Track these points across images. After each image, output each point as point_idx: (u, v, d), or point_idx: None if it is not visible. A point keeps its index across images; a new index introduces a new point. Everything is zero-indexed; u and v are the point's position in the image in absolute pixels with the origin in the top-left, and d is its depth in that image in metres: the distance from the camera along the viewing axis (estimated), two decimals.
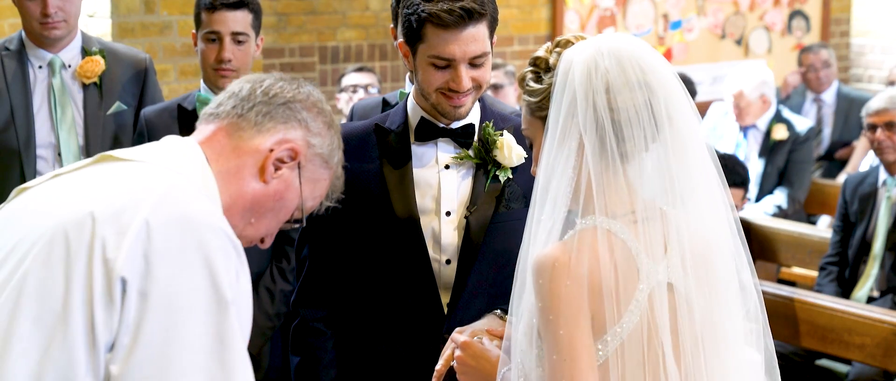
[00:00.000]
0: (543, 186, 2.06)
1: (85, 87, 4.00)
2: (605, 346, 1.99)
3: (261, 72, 3.64)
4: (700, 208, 2.06)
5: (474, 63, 2.62)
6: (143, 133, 3.73)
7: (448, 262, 2.70)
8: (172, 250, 1.73)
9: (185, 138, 1.98)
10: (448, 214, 2.69)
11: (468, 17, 2.57)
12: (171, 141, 1.98)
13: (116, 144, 4.05)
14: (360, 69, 5.87)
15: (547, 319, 1.97)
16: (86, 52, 4.01)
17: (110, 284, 1.70)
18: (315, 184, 2.05)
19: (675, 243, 2.02)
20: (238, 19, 3.63)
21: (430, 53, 2.60)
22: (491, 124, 2.72)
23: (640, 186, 2.04)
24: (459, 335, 2.34)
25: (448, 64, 2.60)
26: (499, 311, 2.48)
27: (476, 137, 2.73)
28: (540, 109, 2.11)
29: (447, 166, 2.71)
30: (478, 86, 2.65)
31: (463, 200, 2.70)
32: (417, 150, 2.72)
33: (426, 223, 2.68)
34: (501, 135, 2.71)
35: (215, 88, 3.69)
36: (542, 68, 2.13)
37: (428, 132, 2.70)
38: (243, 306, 1.83)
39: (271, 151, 1.96)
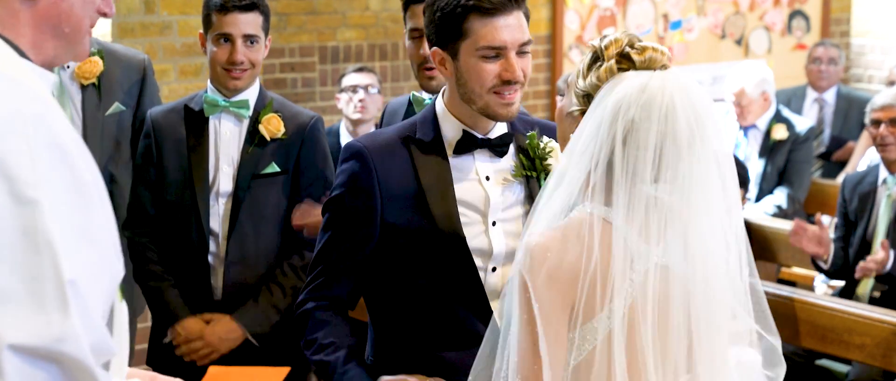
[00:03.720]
0: (561, 171, 2.14)
1: (83, 87, 3.99)
2: (594, 332, 2.06)
3: (260, 72, 3.65)
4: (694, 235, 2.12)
5: (521, 53, 2.56)
6: (150, 133, 3.72)
7: (494, 269, 2.64)
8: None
9: None
10: (494, 224, 2.64)
11: (514, 1, 2.53)
12: None
13: (115, 144, 4.04)
14: (360, 69, 5.87)
15: (525, 299, 2.05)
16: None
17: None
18: None
19: (678, 233, 2.09)
20: (249, 21, 3.62)
21: (478, 46, 2.52)
22: (535, 134, 2.68)
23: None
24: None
25: (498, 54, 2.53)
26: None
27: (514, 147, 2.69)
28: (574, 95, 2.22)
29: (487, 178, 2.66)
30: (523, 80, 2.58)
31: (507, 207, 2.66)
32: (456, 163, 2.64)
33: (473, 235, 2.61)
34: (550, 142, 2.67)
35: (223, 88, 3.69)
36: (591, 62, 2.19)
37: (467, 145, 2.63)
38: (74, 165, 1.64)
39: None
